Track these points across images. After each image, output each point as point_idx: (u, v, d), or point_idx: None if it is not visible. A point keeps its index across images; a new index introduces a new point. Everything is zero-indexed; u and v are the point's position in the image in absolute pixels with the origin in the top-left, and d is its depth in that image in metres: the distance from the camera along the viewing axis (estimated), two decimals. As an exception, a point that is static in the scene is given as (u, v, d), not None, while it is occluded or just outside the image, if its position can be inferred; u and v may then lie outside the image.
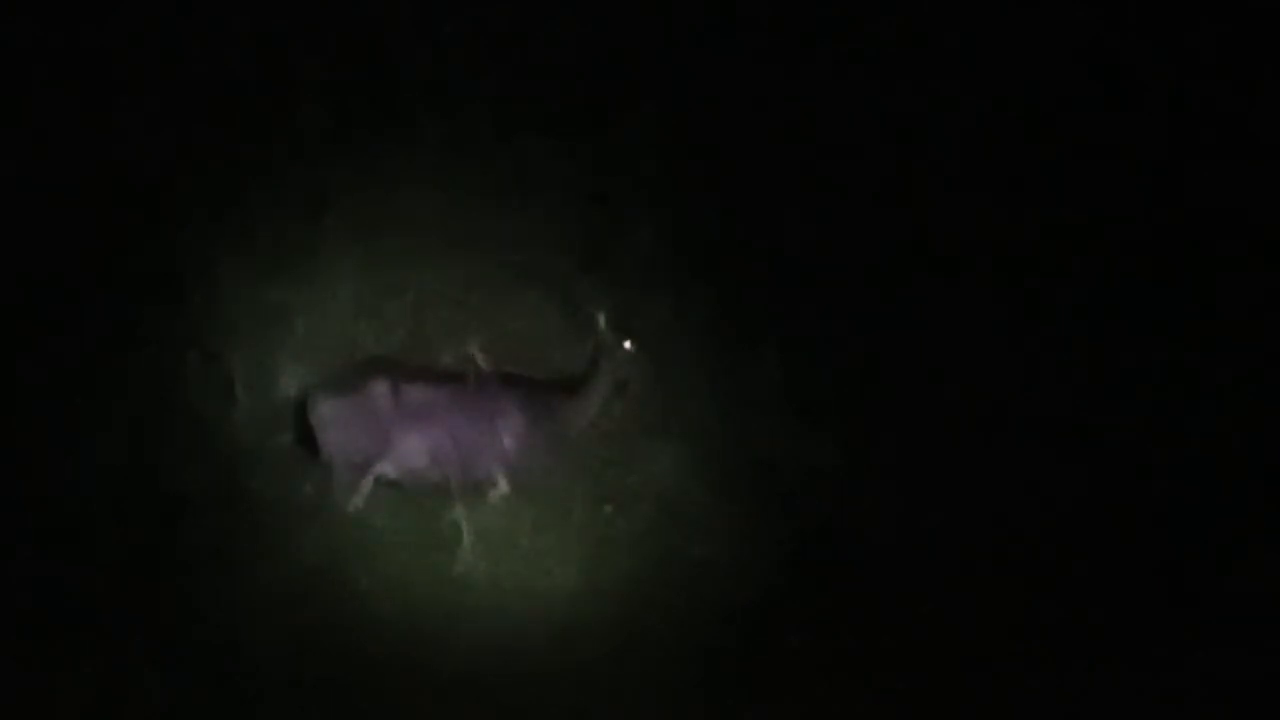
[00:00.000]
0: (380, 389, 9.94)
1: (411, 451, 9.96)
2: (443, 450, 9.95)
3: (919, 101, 10.98)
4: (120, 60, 10.76)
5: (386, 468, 10.00)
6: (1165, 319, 10.70)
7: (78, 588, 9.74)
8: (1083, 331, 10.69)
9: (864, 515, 10.15)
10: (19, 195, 10.51)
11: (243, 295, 10.42)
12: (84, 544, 9.88)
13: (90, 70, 10.77)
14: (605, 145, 10.77)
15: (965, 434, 10.41)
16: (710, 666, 9.65)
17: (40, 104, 10.73)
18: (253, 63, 10.79)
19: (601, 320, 9.88)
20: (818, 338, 10.53)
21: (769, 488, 10.22)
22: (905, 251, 10.72)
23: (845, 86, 10.97)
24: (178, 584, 9.78)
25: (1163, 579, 10.09)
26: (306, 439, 9.98)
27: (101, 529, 9.92)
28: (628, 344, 9.88)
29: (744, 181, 10.79)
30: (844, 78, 10.98)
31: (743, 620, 9.82)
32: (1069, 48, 11.11)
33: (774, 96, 10.94)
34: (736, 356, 10.50)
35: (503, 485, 10.01)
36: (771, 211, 10.75)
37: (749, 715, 9.53)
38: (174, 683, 9.47)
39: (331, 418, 9.94)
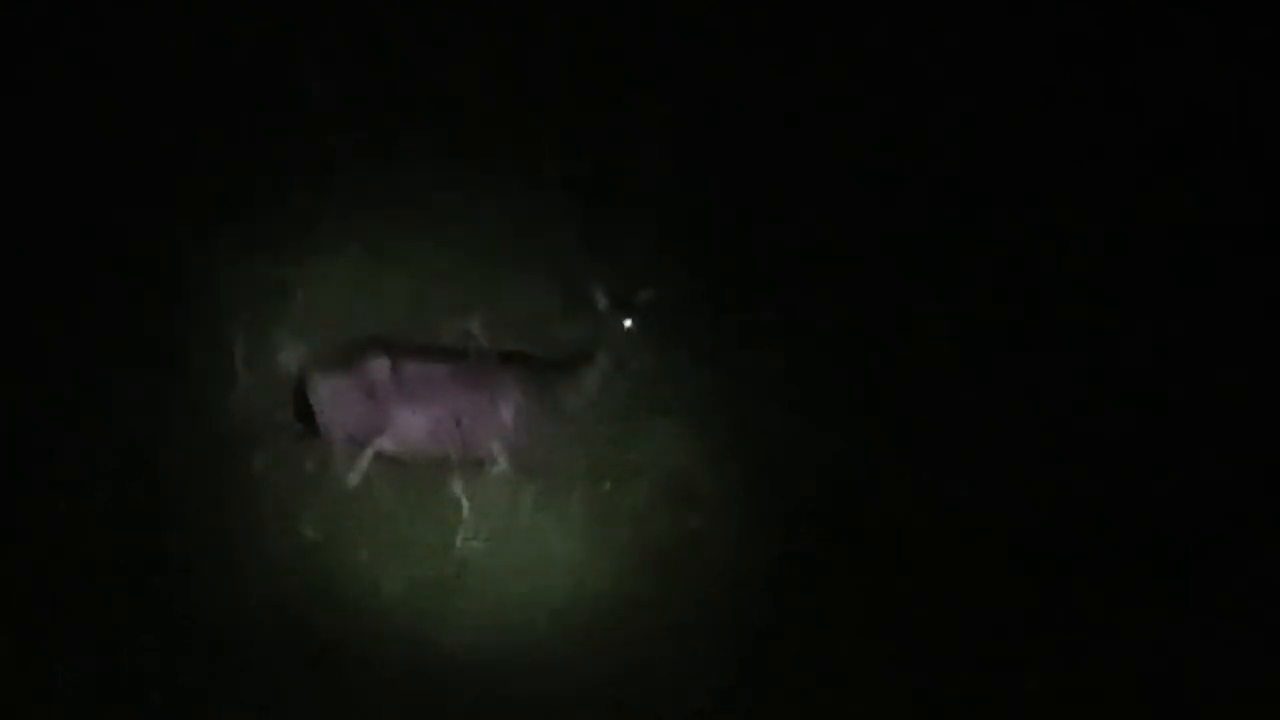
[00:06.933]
0: (380, 366, 9.94)
1: (411, 428, 9.95)
2: (442, 427, 9.95)
3: (920, 94, 11.03)
4: (122, 41, 10.81)
5: (386, 444, 9.99)
6: (1164, 318, 10.68)
7: (78, 565, 9.70)
8: (1082, 329, 10.69)
9: (860, 491, 10.14)
10: (20, 173, 10.50)
11: (243, 272, 10.43)
12: (84, 521, 9.85)
13: (93, 49, 10.81)
14: (608, 123, 10.81)
15: (962, 417, 10.41)
16: (709, 643, 9.64)
17: (43, 82, 10.76)
18: (256, 41, 10.84)
19: (601, 298, 9.87)
20: (816, 317, 10.55)
21: (767, 465, 10.21)
22: (904, 235, 10.74)
23: (847, 75, 11.01)
24: (178, 561, 9.77)
25: (1161, 576, 10.05)
26: (306, 415, 9.96)
27: (101, 506, 9.89)
28: (627, 322, 9.87)
29: (745, 163, 10.83)
30: (846, 66, 11.03)
31: (741, 597, 9.82)
32: (1069, 48, 11.16)
33: (777, 81, 10.99)
34: (736, 335, 10.52)
35: (502, 462, 9.99)
36: (772, 192, 10.78)
37: (748, 691, 9.52)
38: (174, 658, 9.47)
39: (331, 394, 9.94)
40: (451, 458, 9.97)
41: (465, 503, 9.93)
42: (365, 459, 9.99)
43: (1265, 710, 9.57)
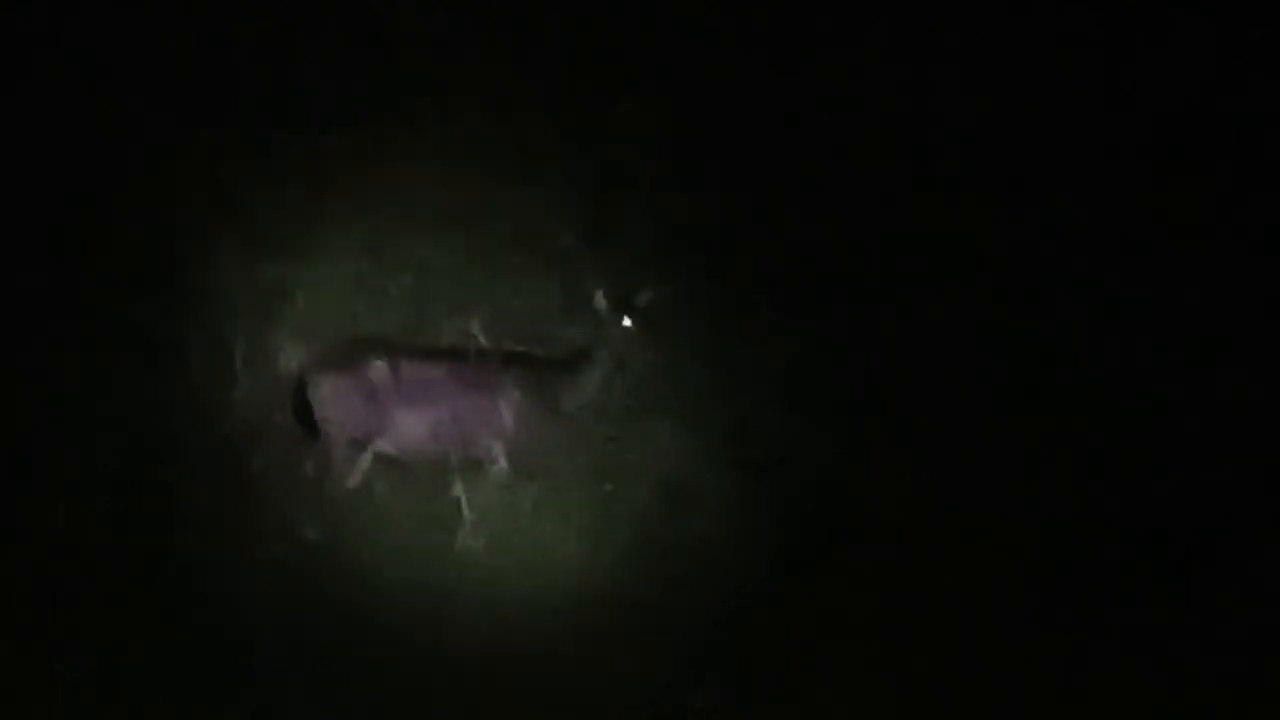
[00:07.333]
0: (380, 366, 9.94)
1: (411, 429, 9.95)
2: (442, 428, 9.95)
3: (920, 94, 11.03)
4: (123, 40, 10.81)
5: (386, 445, 9.99)
6: (1165, 318, 10.68)
7: (78, 565, 9.69)
8: (1082, 330, 10.68)
9: (860, 492, 10.14)
10: (20, 173, 10.51)
11: (243, 273, 10.44)
12: (85, 523, 9.85)
13: (92, 51, 10.81)
14: (608, 124, 10.82)
15: (962, 417, 10.41)
16: (708, 642, 9.64)
17: (43, 82, 10.76)
18: (256, 41, 10.84)
19: (601, 298, 9.87)
20: (816, 317, 10.56)
21: (767, 465, 10.22)
22: (904, 235, 10.74)
23: (847, 75, 11.01)
24: (178, 561, 9.77)
25: (1161, 576, 10.04)
26: (306, 416, 9.95)
27: (101, 506, 9.89)
28: (627, 322, 9.87)
29: (745, 163, 10.83)
30: (846, 66, 11.02)
31: (740, 597, 9.82)
32: (1069, 48, 11.16)
33: (777, 81, 10.99)
34: (735, 335, 10.53)
35: (502, 463, 9.99)
36: (772, 193, 10.79)
37: (748, 691, 9.51)
38: (175, 659, 9.45)
39: (331, 395, 9.94)
40: (451, 458, 9.96)
41: (465, 503, 9.92)
42: (365, 460, 9.98)
43: (1265, 710, 9.54)
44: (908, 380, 10.43)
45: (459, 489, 9.94)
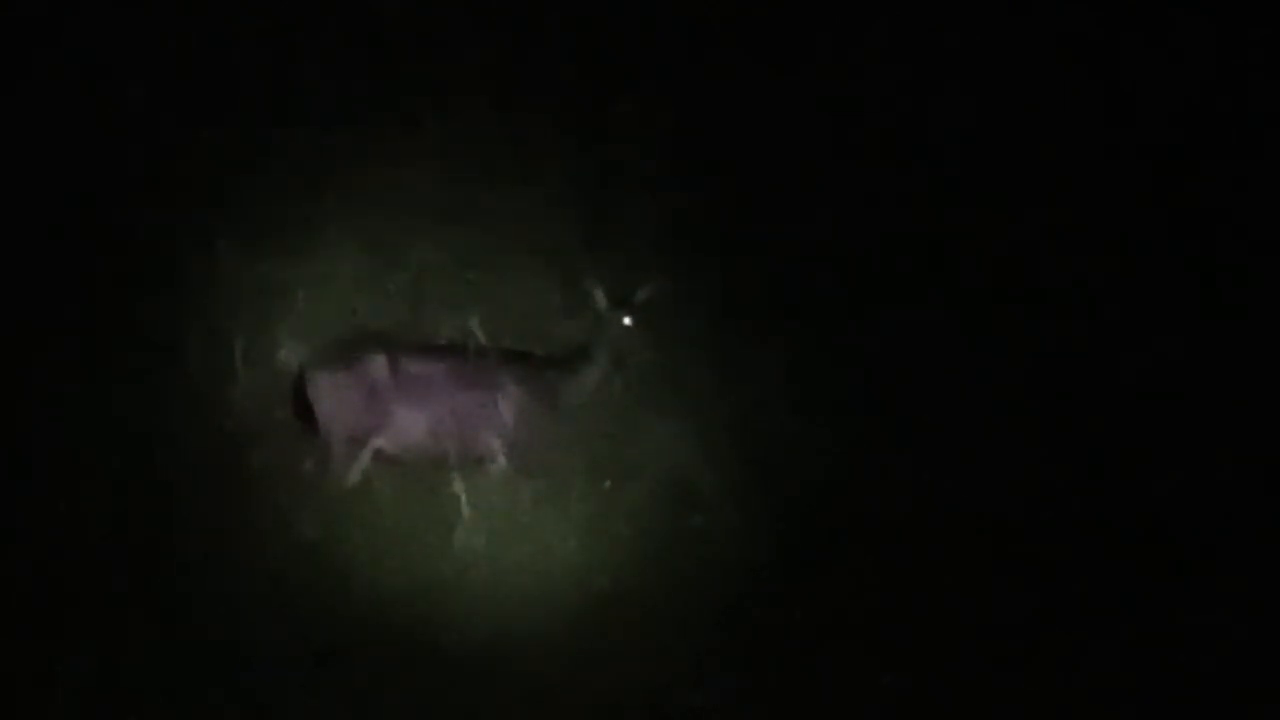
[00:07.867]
0: (379, 364, 9.92)
1: (410, 426, 9.94)
2: (441, 425, 9.93)
3: (920, 94, 11.05)
4: (123, 39, 10.83)
5: (385, 442, 9.97)
6: (1164, 318, 10.69)
7: (78, 563, 9.69)
8: (1082, 330, 10.69)
9: (860, 491, 10.13)
10: (20, 173, 10.52)
11: (243, 271, 10.45)
12: (84, 519, 9.84)
13: (93, 49, 10.82)
14: (606, 121, 10.83)
15: (962, 417, 10.41)
16: (707, 639, 9.63)
17: (43, 82, 10.78)
18: (256, 41, 10.86)
19: (600, 295, 9.88)
20: (815, 314, 10.56)
21: (766, 462, 10.21)
22: (905, 235, 10.75)
23: (847, 75, 11.03)
24: (177, 558, 9.75)
25: (1161, 576, 10.04)
26: (306, 414, 9.94)
27: (102, 504, 9.88)
28: (627, 320, 9.87)
29: (745, 162, 10.84)
30: (846, 66, 11.04)
31: (740, 593, 9.80)
32: (1069, 48, 11.17)
33: (777, 81, 11.00)
34: (735, 333, 10.53)
35: (501, 460, 9.98)
36: (772, 191, 10.79)
37: (748, 690, 9.50)
38: (173, 657, 9.44)
39: (330, 392, 9.92)
40: (451, 456, 9.95)
41: (465, 501, 9.91)
42: (365, 457, 9.97)
43: (1266, 710, 9.53)
44: (908, 380, 10.43)
45: (458, 486, 9.93)
